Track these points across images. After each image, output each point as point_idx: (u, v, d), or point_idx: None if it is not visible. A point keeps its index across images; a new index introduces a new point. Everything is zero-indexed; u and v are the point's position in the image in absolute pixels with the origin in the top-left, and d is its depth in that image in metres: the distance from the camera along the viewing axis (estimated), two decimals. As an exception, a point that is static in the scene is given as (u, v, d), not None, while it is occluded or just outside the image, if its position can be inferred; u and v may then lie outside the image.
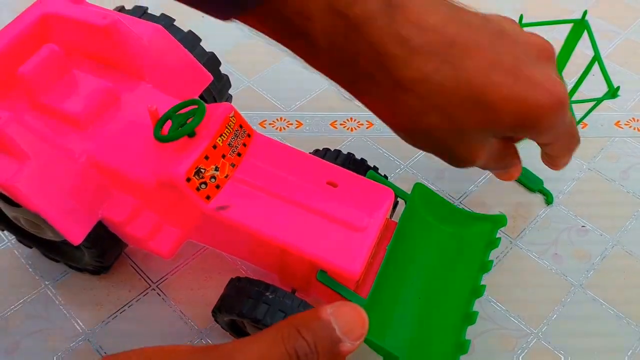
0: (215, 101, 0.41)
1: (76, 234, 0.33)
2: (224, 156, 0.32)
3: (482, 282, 0.35)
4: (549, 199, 0.44)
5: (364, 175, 0.34)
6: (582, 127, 0.50)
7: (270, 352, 0.24)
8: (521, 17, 0.50)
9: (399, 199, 0.36)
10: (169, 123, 0.32)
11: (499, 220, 0.36)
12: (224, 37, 0.55)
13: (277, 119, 0.50)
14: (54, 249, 0.39)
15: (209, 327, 0.38)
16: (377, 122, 0.50)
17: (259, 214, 0.31)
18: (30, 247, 0.40)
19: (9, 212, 0.36)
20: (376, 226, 0.31)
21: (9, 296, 0.39)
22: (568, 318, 0.39)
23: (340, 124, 0.49)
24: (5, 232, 0.42)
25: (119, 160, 0.33)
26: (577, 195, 0.45)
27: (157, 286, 0.39)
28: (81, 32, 0.35)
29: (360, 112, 0.50)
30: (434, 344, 0.32)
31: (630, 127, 0.50)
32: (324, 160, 0.34)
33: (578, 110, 0.50)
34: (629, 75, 0.54)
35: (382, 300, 0.32)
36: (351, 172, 0.34)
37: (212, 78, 0.39)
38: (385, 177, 0.37)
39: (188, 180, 0.30)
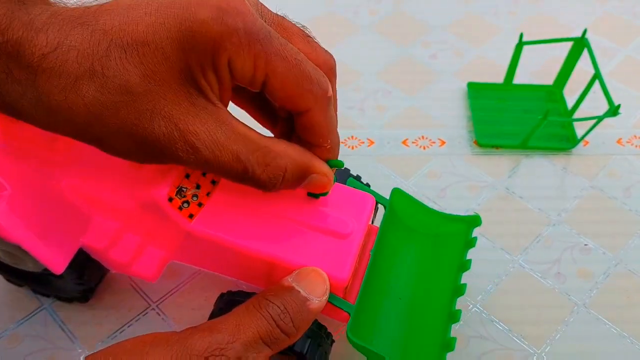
0: None
1: (58, 262, 0.32)
2: (204, 174, 0.32)
3: (464, 281, 0.35)
4: None
5: (345, 184, 0.35)
6: (584, 145, 0.50)
7: (247, 319, 0.27)
8: (521, 36, 0.50)
9: (378, 205, 0.36)
10: None
11: (474, 221, 0.37)
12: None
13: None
14: (42, 283, 0.38)
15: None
16: (378, 140, 0.50)
17: (243, 229, 0.31)
18: (21, 286, 0.39)
19: None
20: (360, 232, 0.32)
21: (8, 315, 0.39)
22: (571, 338, 0.38)
23: (342, 142, 0.49)
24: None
25: (97, 184, 0.32)
26: (579, 214, 0.45)
27: (157, 306, 0.39)
28: None
29: (361, 129, 0.51)
30: (420, 344, 0.33)
31: (632, 144, 0.50)
32: None
33: (579, 129, 0.50)
34: (630, 92, 0.54)
35: (369, 305, 0.33)
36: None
37: None
38: (368, 185, 0.38)
39: (170, 200, 0.30)
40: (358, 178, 0.38)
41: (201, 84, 0.26)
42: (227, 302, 0.32)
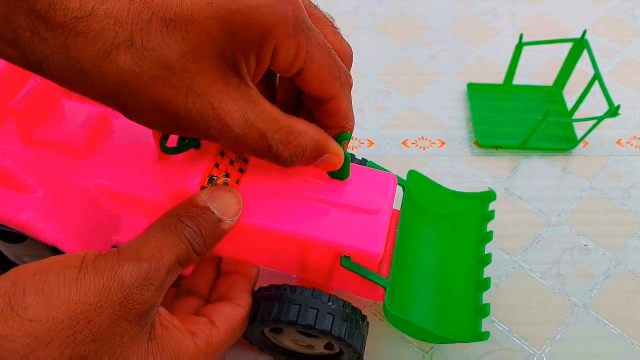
0: None
1: None
2: (232, 162, 0.32)
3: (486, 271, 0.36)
4: None
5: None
6: (584, 146, 0.50)
7: (167, 243, 0.27)
8: (521, 36, 0.50)
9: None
10: (172, 136, 0.33)
11: (489, 196, 0.39)
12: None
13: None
14: None
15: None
16: (378, 141, 0.50)
17: (274, 213, 0.32)
18: None
19: (11, 252, 0.35)
20: (387, 207, 0.33)
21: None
22: (572, 339, 0.38)
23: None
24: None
25: (125, 181, 0.33)
26: (579, 214, 0.45)
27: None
28: None
29: (361, 130, 0.51)
30: (454, 314, 0.34)
31: (631, 145, 0.50)
32: None
33: (579, 129, 0.50)
34: (630, 93, 0.54)
35: (401, 279, 0.34)
36: (353, 163, 0.34)
37: None
38: None
39: (202, 189, 0.30)
40: (364, 162, 0.39)
41: (240, 66, 0.26)
42: (261, 299, 0.33)
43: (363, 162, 0.39)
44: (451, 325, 0.34)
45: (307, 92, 0.30)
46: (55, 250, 0.31)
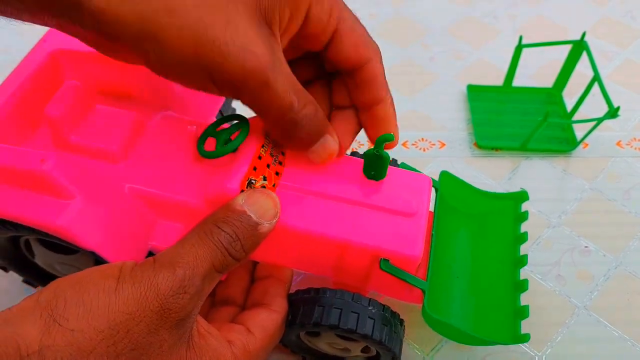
0: None
1: None
2: (268, 166, 0.32)
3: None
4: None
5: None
6: (584, 147, 0.50)
7: (202, 250, 0.27)
8: (520, 38, 0.50)
9: None
10: (209, 140, 0.32)
11: (521, 196, 0.39)
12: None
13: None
14: None
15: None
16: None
17: (313, 216, 0.31)
18: None
19: (44, 259, 0.35)
20: (425, 210, 0.32)
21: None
22: (572, 340, 0.38)
23: (341, 144, 0.49)
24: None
25: (160, 186, 0.32)
26: (579, 216, 0.45)
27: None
28: (95, 64, 0.35)
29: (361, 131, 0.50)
30: (492, 316, 0.34)
31: (631, 147, 0.50)
32: (356, 158, 0.35)
33: (579, 131, 0.50)
34: (630, 95, 0.54)
35: (437, 281, 0.34)
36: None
37: (224, 97, 0.39)
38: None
39: (242, 192, 0.30)
40: (395, 162, 0.38)
41: (273, 19, 0.27)
42: (300, 302, 0.33)
43: (394, 162, 0.38)
44: (489, 327, 0.34)
45: (341, 59, 0.30)
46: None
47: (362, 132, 0.34)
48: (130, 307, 0.24)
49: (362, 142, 0.50)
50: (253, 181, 0.31)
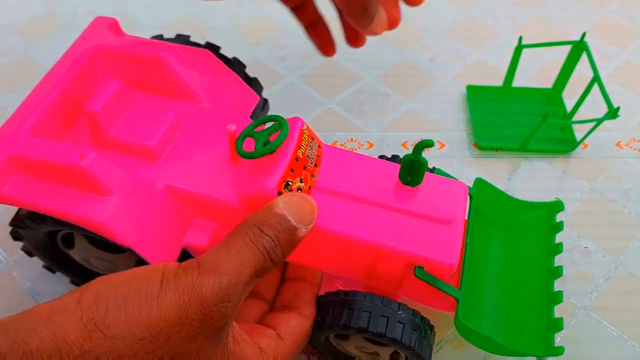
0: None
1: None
2: (305, 168, 0.32)
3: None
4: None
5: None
6: (583, 148, 0.50)
7: (247, 255, 0.27)
8: (520, 39, 0.50)
9: None
10: (247, 141, 0.32)
11: (557, 206, 0.38)
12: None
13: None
14: None
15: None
16: (378, 143, 0.50)
17: (348, 219, 0.31)
18: None
19: (81, 253, 0.35)
20: (461, 217, 0.32)
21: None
22: (572, 341, 0.38)
23: (341, 145, 0.49)
24: (5, 253, 0.42)
25: (197, 184, 0.32)
26: (579, 217, 0.45)
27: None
28: (134, 62, 0.35)
29: (361, 132, 0.51)
30: (525, 327, 0.34)
31: (631, 147, 0.50)
32: (391, 162, 0.35)
33: (578, 132, 0.50)
34: (629, 95, 0.54)
35: (471, 290, 0.34)
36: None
37: (259, 98, 0.39)
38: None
39: (279, 194, 0.30)
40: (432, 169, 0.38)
41: None
42: (327, 304, 0.33)
43: (431, 169, 0.38)
44: (522, 338, 0.33)
45: None
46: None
47: (360, 132, 0.34)
48: (171, 314, 0.24)
49: (361, 143, 0.50)
50: (290, 183, 0.31)
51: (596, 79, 0.46)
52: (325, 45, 0.46)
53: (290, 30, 0.61)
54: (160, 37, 0.41)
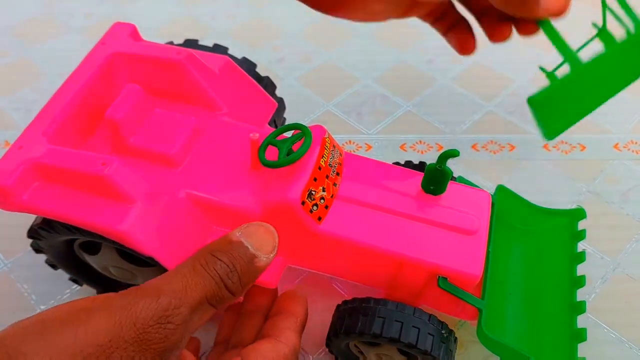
0: (276, 125, 0.41)
1: None
2: (327, 177, 0.32)
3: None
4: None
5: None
6: (581, 150, 0.50)
7: (194, 280, 0.26)
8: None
9: None
10: (269, 149, 0.32)
11: (579, 214, 0.38)
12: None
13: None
14: None
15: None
16: (376, 145, 0.50)
17: (371, 229, 0.31)
18: None
19: (97, 263, 0.35)
20: (485, 227, 0.32)
21: (3, 322, 0.38)
22: (570, 343, 0.38)
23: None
24: (2, 255, 0.42)
25: (218, 192, 0.32)
26: (577, 218, 0.45)
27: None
28: (154, 68, 0.35)
29: (359, 134, 0.51)
30: (547, 338, 0.33)
31: (628, 149, 0.50)
32: (413, 170, 0.34)
33: (578, 132, 0.50)
34: (628, 96, 0.54)
35: (493, 299, 0.33)
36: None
37: (277, 105, 0.39)
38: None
39: (302, 203, 0.30)
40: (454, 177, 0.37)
41: None
42: (345, 312, 0.32)
43: (454, 177, 0.37)
44: (544, 348, 0.33)
45: None
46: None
47: (358, 134, 0.34)
48: (101, 337, 0.23)
49: (360, 145, 0.50)
50: (313, 192, 0.31)
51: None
52: (465, 42, 0.46)
53: (288, 31, 0.61)
54: (170, 43, 0.41)
